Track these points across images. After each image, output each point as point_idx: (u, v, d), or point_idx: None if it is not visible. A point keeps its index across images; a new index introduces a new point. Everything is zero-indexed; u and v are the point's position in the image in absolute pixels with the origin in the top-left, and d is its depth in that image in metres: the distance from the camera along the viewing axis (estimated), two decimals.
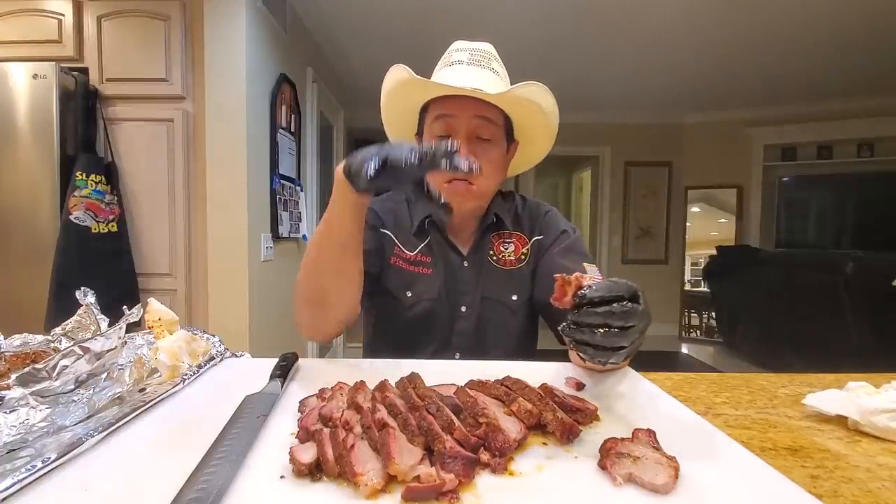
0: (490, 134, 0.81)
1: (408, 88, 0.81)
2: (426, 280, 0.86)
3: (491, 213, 0.89)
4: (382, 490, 0.34)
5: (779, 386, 0.68)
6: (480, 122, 0.80)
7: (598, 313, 0.45)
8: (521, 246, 0.91)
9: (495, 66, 0.84)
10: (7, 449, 0.39)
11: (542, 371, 0.63)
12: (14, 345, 0.63)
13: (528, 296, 0.89)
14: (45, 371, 0.44)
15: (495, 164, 0.83)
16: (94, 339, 0.48)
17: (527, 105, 0.80)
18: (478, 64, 0.82)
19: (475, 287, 0.87)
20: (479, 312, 0.87)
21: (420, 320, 0.86)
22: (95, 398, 0.48)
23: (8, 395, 0.43)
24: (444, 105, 0.80)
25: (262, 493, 0.34)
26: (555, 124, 0.86)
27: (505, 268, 0.89)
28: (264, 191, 2.28)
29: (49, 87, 1.81)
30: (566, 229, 0.91)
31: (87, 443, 0.39)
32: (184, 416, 0.48)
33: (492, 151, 0.82)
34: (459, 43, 0.86)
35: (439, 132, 0.81)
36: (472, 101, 0.78)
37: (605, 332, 0.45)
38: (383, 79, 0.85)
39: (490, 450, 0.39)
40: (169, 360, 0.58)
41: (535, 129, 0.87)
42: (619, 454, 0.37)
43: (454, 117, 0.79)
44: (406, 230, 0.89)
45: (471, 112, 0.79)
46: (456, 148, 0.52)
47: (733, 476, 0.36)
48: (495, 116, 0.81)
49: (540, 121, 0.84)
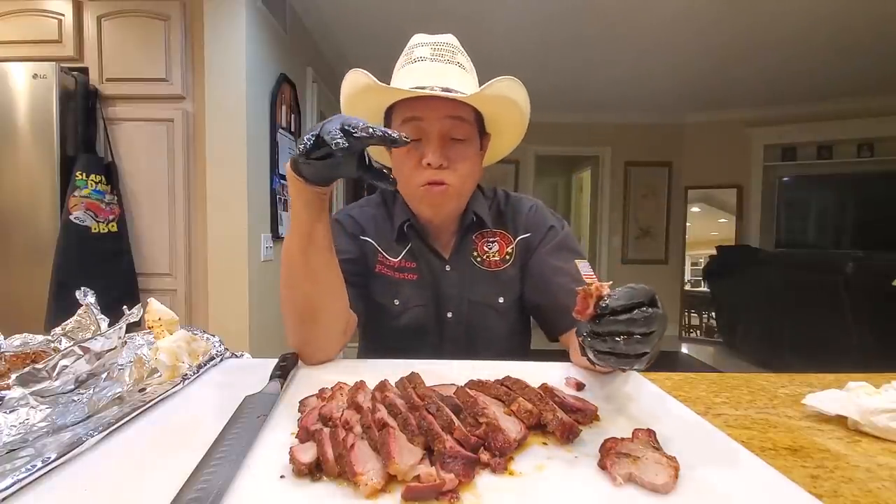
0: (463, 133, 0.77)
1: (372, 93, 0.76)
2: (412, 286, 0.84)
3: (470, 213, 0.85)
4: (382, 490, 0.34)
5: (779, 386, 0.68)
6: (452, 122, 0.75)
7: (621, 321, 0.43)
8: (506, 245, 0.86)
9: (460, 60, 0.80)
10: (7, 449, 0.39)
11: (542, 371, 0.63)
12: (14, 345, 0.63)
13: (516, 296, 0.85)
14: (45, 371, 0.44)
15: (471, 163, 0.79)
16: (94, 339, 0.47)
17: (500, 101, 0.76)
18: (441, 59, 0.77)
19: (459, 292, 0.84)
20: (468, 317, 0.84)
21: (409, 328, 0.83)
22: (95, 398, 0.48)
23: (8, 395, 0.43)
24: (412, 107, 0.75)
25: (262, 493, 0.34)
26: (527, 115, 0.82)
27: (490, 269, 0.85)
28: (264, 191, 2.28)
29: (49, 87, 1.81)
30: (553, 224, 0.86)
31: (87, 443, 0.39)
32: (184, 416, 0.48)
33: (466, 150, 0.78)
34: (419, 37, 0.81)
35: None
36: (441, 102, 0.74)
37: (626, 339, 0.44)
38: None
39: (490, 450, 0.39)
40: (169, 360, 0.58)
41: (506, 123, 0.84)
42: (619, 454, 0.37)
43: (424, 120, 0.75)
44: (387, 236, 0.86)
45: (441, 113, 0.74)
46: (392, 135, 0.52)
47: (733, 476, 0.36)
48: (467, 114, 0.77)
49: (514, 114, 0.80)
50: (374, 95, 0.77)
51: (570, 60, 3.44)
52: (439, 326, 0.84)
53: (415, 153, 0.77)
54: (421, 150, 0.76)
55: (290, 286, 0.66)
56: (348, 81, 0.79)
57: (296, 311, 0.67)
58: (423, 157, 0.75)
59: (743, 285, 3.87)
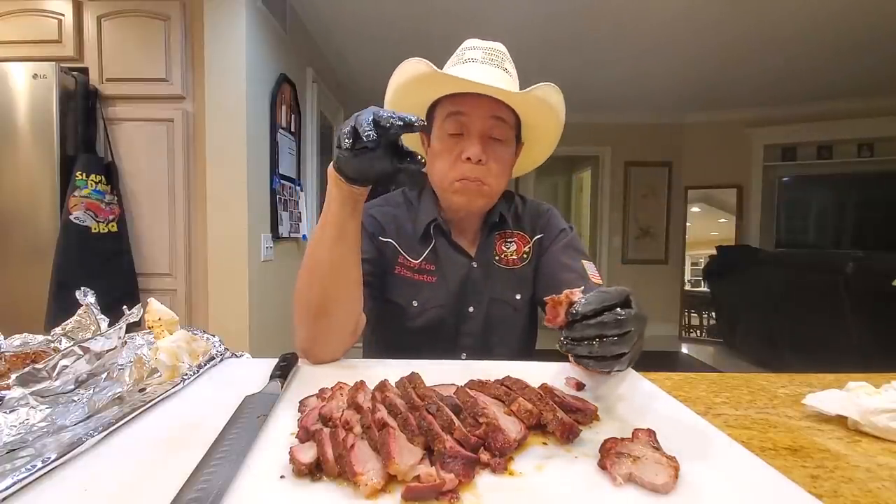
0: (502, 134, 0.81)
1: (424, 84, 0.78)
2: (431, 288, 0.85)
3: (496, 212, 0.89)
4: (382, 490, 0.34)
5: (779, 386, 0.68)
6: (494, 122, 0.79)
7: (592, 325, 0.45)
8: (523, 245, 0.91)
9: (507, 67, 0.83)
10: (7, 449, 0.39)
11: (542, 371, 0.63)
12: (14, 345, 0.63)
13: (530, 294, 0.89)
14: (45, 371, 0.44)
15: (506, 164, 0.83)
16: (94, 339, 0.47)
17: (541, 107, 0.80)
18: (491, 63, 0.81)
19: (483, 288, 0.87)
20: (487, 313, 0.87)
21: (426, 328, 0.85)
22: (95, 398, 0.48)
23: (8, 395, 0.43)
24: (458, 102, 0.79)
25: (262, 493, 0.34)
26: (562, 125, 0.86)
27: (508, 267, 0.89)
28: (264, 191, 2.28)
29: (49, 87, 1.81)
30: (564, 228, 0.92)
31: (87, 443, 0.39)
32: (184, 416, 0.48)
33: (503, 152, 0.82)
34: (472, 41, 0.85)
35: (452, 130, 0.80)
36: (486, 101, 0.77)
37: (601, 342, 0.45)
38: (384, 78, 0.83)
39: (490, 450, 0.39)
40: (169, 360, 0.58)
41: (543, 132, 0.87)
42: (619, 454, 0.37)
43: (468, 115, 0.78)
44: (409, 237, 0.88)
45: (486, 111, 0.78)
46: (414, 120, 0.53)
47: (733, 476, 0.36)
48: (508, 117, 0.80)
49: (551, 122, 0.84)
50: (425, 86, 0.79)
51: (570, 61, 3.44)
52: (458, 322, 0.86)
53: (455, 147, 0.80)
54: (461, 145, 0.79)
55: (309, 282, 0.67)
56: (402, 70, 0.79)
57: (310, 308, 0.67)
58: (464, 151, 0.78)
59: (743, 285, 3.87)
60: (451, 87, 0.78)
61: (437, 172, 0.82)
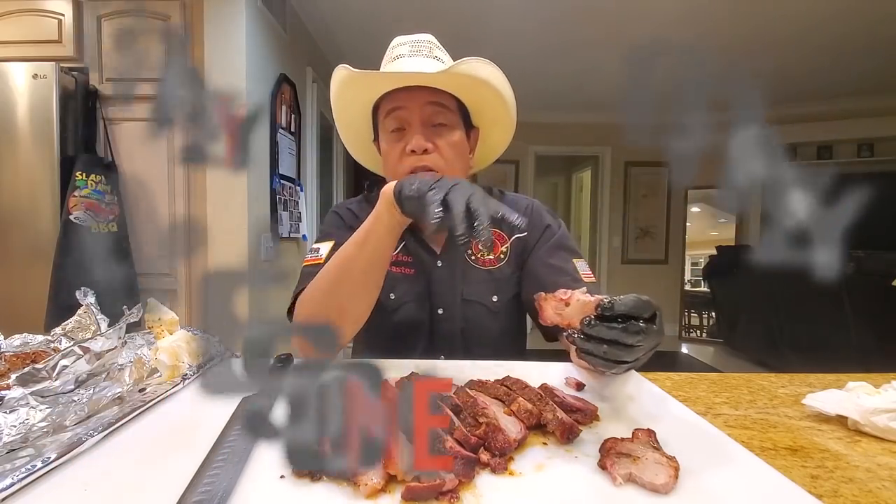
0: (446, 119, 0.78)
1: (352, 89, 0.79)
2: (408, 280, 0.84)
3: None
4: (382, 490, 0.34)
5: (779, 386, 0.68)
6: (433, 108, 0.77)
7: (615, 328, 0.45)
8: (501, 244, 0.86)
9: (439, 55, 0.82)
10: (7, 449, 0.39)
11: (542, 371, 0.63)
12: (14, 345, 0.63)
13: (510, 296, 0.85)
14: (45, 371, 0.44)
15: (456, 148, 0.79)
16: (94, 339, 0.48)
17: (474, 85, 0.77)
18: (419, 54, 0.80)
19: (452, 288, 0.84)
20: (462, 314, 0.83)
21: (403, 325, 0.83)
22: (95, 398, 0.48)
23: (8, 395, 0.43)
24: (393, 99, 0.78)
25: (262, 494, 0.34)
26: (511, 104, 0.83)
27: (484, 267, 0.85)
28: (264, 191, 2.28)
29: (49, 87, 1.81)
30: (550, 224, 0.87)
31: (87, 443, 0.39)
32: (184, 416, 0.48)
33: (450, 136, 0.79)
34: (399, 38, 0.84)
35: (392, 127, 0.79)
36: (420, 91, 0.76)
37: (614, 345, 0.45)
38: None
39: (490, 450, 0.39)
40: (169, 360, 0.58)
41: (492, 112, 0.84)
42: (619, 454, 0.37)
43: (405, 108, 0.77)
44: None
45: (421, 100, 0.77)
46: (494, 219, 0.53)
47: (733, 476, 0.36)
48: (448, 102, 0.78)
49: (497, 101, 0.81)
50: (354, 91, 0.80)
51: (571, 61, 3.44)
52: (431, 324, 0.84)
53: (399, 143, 0.78)
54: (405, 140, 0.78)
55: (331, 291, 0.69)
56: (333, 79, 0.81)
57: (322, 314, 0.69)
58: (407, 145, 0.77)
59: (743, 285, 3.87)
60: (379, 85, 0.78)
61: (389, 171, 0.81)
